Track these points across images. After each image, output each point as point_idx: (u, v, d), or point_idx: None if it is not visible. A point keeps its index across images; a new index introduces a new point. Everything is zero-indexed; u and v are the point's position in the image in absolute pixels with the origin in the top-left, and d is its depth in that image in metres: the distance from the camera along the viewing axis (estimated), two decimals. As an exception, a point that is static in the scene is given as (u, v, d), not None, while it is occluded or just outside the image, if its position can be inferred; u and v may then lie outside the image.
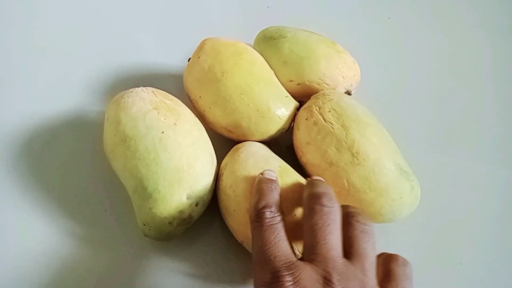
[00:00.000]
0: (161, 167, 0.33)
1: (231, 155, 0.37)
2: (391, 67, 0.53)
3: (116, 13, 0.56)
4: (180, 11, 0.57)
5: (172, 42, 0.53)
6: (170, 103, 0.37)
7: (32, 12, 0.55)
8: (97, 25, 0.54)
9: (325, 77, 0.41)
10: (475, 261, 0.39)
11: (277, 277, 0.24)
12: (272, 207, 0.29)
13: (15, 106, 0.46)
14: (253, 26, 0.48)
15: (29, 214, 0.38)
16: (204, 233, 0.38)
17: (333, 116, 0.36)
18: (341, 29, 0.54)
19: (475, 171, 0.44)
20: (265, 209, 0.28)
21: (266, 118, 0.38)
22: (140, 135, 0.34)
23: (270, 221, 0.28)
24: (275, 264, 0.25)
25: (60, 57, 0.50)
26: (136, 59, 0.51)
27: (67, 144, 0.43)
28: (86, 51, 0.51)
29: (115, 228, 0.38)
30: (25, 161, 0.41)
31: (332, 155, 0.35)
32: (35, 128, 0.44)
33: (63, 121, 0.44)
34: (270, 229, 0.27)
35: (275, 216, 0.28)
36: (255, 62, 0.40)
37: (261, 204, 0.29)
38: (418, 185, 0.36)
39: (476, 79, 0.53)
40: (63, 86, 0.47)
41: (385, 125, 0.38)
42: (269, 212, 0.28)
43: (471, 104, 0.50)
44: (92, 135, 0.43)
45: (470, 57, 0.55)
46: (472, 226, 0.41)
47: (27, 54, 0.50)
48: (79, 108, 0.46)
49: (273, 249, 0.26)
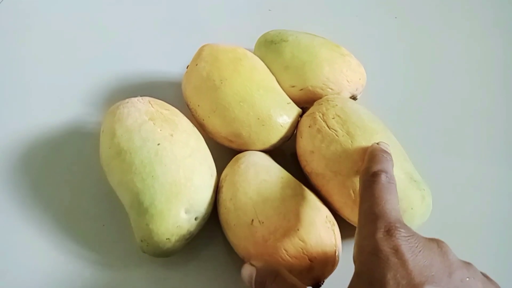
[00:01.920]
0: (158, 181, 0.32)
1: (231, 166, 0.36)
2: (398, 69, 0.51)
3: (114, 22, 0.55)
4: (179, 18, 0.56)
5: (172, 49, 0.52)
6: (167, 113, 0.36)
7: (29, 23, 0.54)
8: (94, 35, 0.53)
9: (329, 81, 0.39)
10: (494, 274, 0.36)
11: (393, 228, 0.23)
12: (388, 173, 0.27)
13: (12, 119, 0.45)
14: (254, 30, 0.47)
15: (26, 228, 0.37)
16: (204, 248, 0.36)
17: (338, 123, 0.34)
18: (346, 31, 0.53)
19: (490, 176, 0.42)
20: (381, 172, 0.27)
21: (267, 127, 0.36)
22: (136, 147, 0.33)
23: (386, 182, 0.27)
24: (391, 217, 0.24)
25: (58, 68, 0.49)
26: (135, 68, 0.49)
27: (65, 157, 0.42)
28: (84, 61, 0.50)
29: (114, 243, 0.37)
30: (21, 175, 0.40)
31: (337, 164, 0.33)
32: (32, 142, 0.43)
33: (61, 134, 0.43)
34: (387, 188, 0.26)
35: (391, 182, 0.27)
36: (255, 68, 0.39)
37: (377, 167, 0.28)
38: (429, 194, 0.34)
39: (488, 80, 0.50)
40: (61, 97, 0.46)
41: (392, 131, 0.36)
42: (385, 177, 0.27)
43: (483, 107, 0.48)
44: (90, 147, 0.42)
45: (481, 57, 0.53)
46: (489, 236, 0.38)
47: (24, 66, 0.50)
48: (77, 120, 0.45)
49: (388, 206, 0.25)
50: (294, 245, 0.30)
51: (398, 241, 0.22)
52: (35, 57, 0.51)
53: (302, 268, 0.30)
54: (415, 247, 0.23)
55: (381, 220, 0.24)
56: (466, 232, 0.38)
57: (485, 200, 0.40)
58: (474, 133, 0.46)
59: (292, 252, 0.30)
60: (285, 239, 0.30)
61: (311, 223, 0.31)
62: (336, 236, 0.32)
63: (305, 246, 0.30)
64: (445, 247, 0.24)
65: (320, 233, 0.31)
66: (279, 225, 0.30)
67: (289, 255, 0.30)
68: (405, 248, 0.22)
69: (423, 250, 0.23)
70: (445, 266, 0.23)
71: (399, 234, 0.23)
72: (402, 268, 0.21)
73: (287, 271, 0.27)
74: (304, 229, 0.30)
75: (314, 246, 0.30)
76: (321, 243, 0.30)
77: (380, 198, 0.25)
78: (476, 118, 0.47)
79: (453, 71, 0.51)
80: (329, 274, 0.32)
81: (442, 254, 0.23)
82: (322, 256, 0.30)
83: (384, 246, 0.22)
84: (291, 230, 0.30)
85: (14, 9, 0.56)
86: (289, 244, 0.30)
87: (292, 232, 0.30)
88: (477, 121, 0.46)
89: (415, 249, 0.22)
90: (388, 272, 0.21)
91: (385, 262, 0.22)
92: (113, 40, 0.53)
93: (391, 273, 0.21)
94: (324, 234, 0.31)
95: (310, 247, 0.30)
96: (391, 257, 0.22)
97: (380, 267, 0.22)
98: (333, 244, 0.31)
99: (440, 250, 0.23)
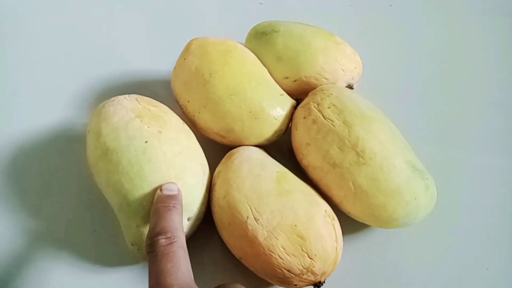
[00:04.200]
0: (146, 180, 0.30)
1: (224, 163, 0.34)
2: (394, 57, 0.50)
3: (100, 22, 0.54)
4: (166, 13, 0.55)
5: (160, 46, 0.51)
6: (154, 109, 0.34)
7: (14, 26, 0.53)
8: (80, 36, 0.52)
9: (323, 71, 0.38)
10: (504, 265, 0.35)
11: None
12: (168, 233, 0.26)
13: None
14: (245, 24, 0.45)
15: (15, 236, 0.36)
16: (201, 251, 0.35)
17: (334, 113, 0.33)
18: (340, 21, 0.52)
19: (495, 164, 0.41)
20: (159, 237, 0.26)
21: (260, 120, 0.35)
22: (122, 146, 0.31)
23: (164, 249, 0.25)
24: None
25: (43, 70, 0.48)
26: (123, 68, 0.48)
27: (52, 161, 0.40)
28: (70, 63, 0.49)
29: (105, 248, 0.35)
30: (8, 180, 0.39)
31: (334, 156, 0.31)
32: (19, 145, 0.41)
33: (48, 137, 0.42)
34: (165, 258, 0.25)
35: (172, 242, 0.25)
36: (246, 60, 0.37)
37: (155, 230, 0.26)
38: (433, 183, 0.33)
39: (485, 66, 0.49)
40: (48, 100, 0.45)
41: (391, 120, 0.35)
42: (164, 239, 0.25)
43: (481, 93, 0.46)
44: (78, 150, 0.40)
45: (477, 42, 0.52)
46: (498, 226, 0.37)
47: (9, 69, 0.48)
48: (64, 123, 0.43)
49: (170, 279, 0.24)
50: (292, 243, 0.28)
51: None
52: (20, 60, 0.49)
53: (302, 267, 0.28)
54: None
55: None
56: (475, 224, 0.37)
57: (495, 190, 0.39)
58: (473, 121, 0.44)
59: (290, 250, 0.28)
60: (283, 236, 0.29)
61: (310, 218, 0.29)
62: (337, 231, 0.31)
63: (304, 243, 0.28)
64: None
65: (320, 229, 0.29)
66: (275, 222, 0.29)
67: (288, 253, 0.28)
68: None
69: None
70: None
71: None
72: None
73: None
74: (303, 225, 0.29)
75: (313, 243, 0.29)
76: (321, 239, 0.29)
77: (160, 272, 0.24)
78: (475, 105, 0.46)
79: (450, 57, 0.50)
80: (330, 272, 0.30)
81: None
82: (322, 253, 0.29)
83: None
84: (288, 226, 0.29)
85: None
86: (287, 241, 0.28)
87: (290, 228, 0.29)
88: (476, 108, 0.45)
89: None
90: None
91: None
92: (99, 40, 0.51)
93: None
94: (323, 229, 0.29)
95: (309, 244, 0.28)
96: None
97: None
98: (334, 240, 0.30)
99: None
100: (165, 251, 0.25)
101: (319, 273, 0.29)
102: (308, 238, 0.29)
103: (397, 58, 0.50)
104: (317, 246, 0.29)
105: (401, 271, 0.34)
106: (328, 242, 0.29)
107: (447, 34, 0.52)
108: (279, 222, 0.29)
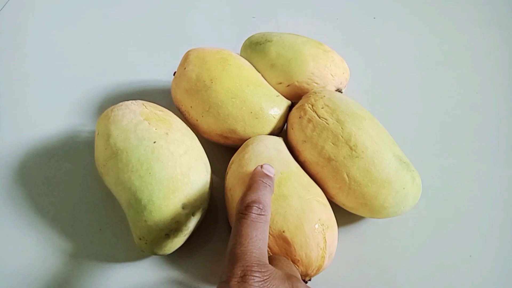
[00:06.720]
0: (155, 177, 0.32)
1: (240, 152, 0.36)
2: (379, 64, 0.53)
3: (102, 34, 0.56)
4: (164, 27, 0.57)
5: (159, 57, 0.53)
6: (160, 113, 0.36)
7: (22, 37, 0.55)
8: (83, 47, 0.54)
9: (314, 76, 0.41)
10: (485, 252, 0.37)
11: (249, 273, 0.23)
12: (261, 204, 0.27)
13: (7, 131, 0.45)
14: (239, 37, 0.48)
15: (25, 237, 0.37)
16: (203, 246, 0.37)
17: (327, 112, 0.35)
18: (328, 33, 0.55)
19: (474, 159, 0.43)
20: (254, 204, 0.27)
21: (260, 119, 0.37)
22: (132, 146, 0.33)
23: (256, 217, 0.26)
24: (250, 259, 0.24)
25: (50, 80, 0.50)
26: (124, 78, 0.50)
27: (60, 166, 0.42)
28: (74, 74, 0.51)
29: (111, 246, 0.37)
30: (19, 185, 0.40)
31: (329, 151, 0.34)
32: (28, 153, 0.43)
33: (55, 144, 0.44)
34: (254, 225, 0.26)
35: (263, 214, 0.27)
36: (242, 66, 0.40)
37: (251, 197, 0.27)
38: (418, 175, 0.35)
39: (465, 72, 0.53)
40: (55, 109, 0.47)
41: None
42: (257, 208, 0.27)
43: (460, 97, 0.50)
44: (84, 155, 0.42)
45: (455, 50, 0.55)
46: (478, 216, 0.39)
47: (18, 78, 0.50)
48: (71, 129, 0.45)
49: (251, 246, 0.25)
50: (278, 246, 0.30)
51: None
52: (28, 69, 0.51)
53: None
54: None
55: (240, 263, 0.24)
56: (458, 215, 0.39)
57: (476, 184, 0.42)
58: (449, 120, 0.47)
59: (275, 251, 0.30)
60: (271, 238, 0.30)
61: (298, 226, 0.30)
62: (328, 240, 0.31)
63: (289, 248, 0.30)
64: (298, 286, 0.24)
65: (306, 237, 0.30)
66: None
67: (273, 253, 0.30)
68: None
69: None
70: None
71: (252, 280, 0.23)
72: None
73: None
74: (290, 232, 0.30)
75: (298, 249, 0.30)
76: (305, 247, 0.30)
77: (245, 236, 0.25)
78: (458, 107, 0.48)
79: (430, 64, 0.53)
80: (314, 275, 0.31)
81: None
82: (306, 260, 0.30)
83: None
84: (277, 231, 0.30)
85: (7, 23, 0.57)
86: (274, 244, 0.30)
87: (278, 233, 0.30)
88: (458, 111, 0.48)
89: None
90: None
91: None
92: (102, 52, 0.54)
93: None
94: (310, 238, 0.30)
95: (294, 250, 0.30)
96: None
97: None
98: (321, 249, 0.30)
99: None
100: (255, 219, 0.26)
101: (302, 275, 0.30)
102: (293, 244, 0.30)
103: (381, 65, 0.53)
104: (301, 253, 0.30)
105: (390, 260, 0.36)
106: (314, 250, 0.30)
107: (426, 43, 0.56)
108: (269, 225, 0.29)
